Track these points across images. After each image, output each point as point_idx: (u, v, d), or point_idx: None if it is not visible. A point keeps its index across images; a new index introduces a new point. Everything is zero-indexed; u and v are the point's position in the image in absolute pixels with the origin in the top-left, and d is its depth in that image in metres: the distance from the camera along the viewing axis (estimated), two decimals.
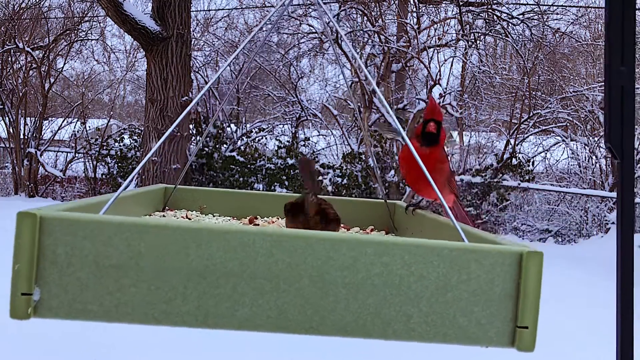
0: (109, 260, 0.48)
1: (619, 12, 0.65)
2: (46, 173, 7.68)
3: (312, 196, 0.80)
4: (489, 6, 6.09)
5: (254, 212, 1.06)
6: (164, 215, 1.00)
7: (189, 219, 1.00)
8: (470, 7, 6.15)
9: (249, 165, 6.30)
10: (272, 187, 6.20)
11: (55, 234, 0.48)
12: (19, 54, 7.66)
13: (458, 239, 0.57)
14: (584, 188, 6.28)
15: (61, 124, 8.22)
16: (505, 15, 6.18)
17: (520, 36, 6.36)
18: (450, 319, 0.50)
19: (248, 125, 7.22)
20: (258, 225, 0.97)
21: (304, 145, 6.83)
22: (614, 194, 5.43)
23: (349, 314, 0.50)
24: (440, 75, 6.06)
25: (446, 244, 0.50)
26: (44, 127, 7.86)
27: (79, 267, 0.48)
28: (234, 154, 6.33)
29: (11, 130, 7.54)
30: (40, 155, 7.50)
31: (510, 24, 6.19)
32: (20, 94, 7.44)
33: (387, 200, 1.06)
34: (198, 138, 6.72)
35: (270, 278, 0.49)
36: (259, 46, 5.86)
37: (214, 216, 1.07)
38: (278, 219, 1.04)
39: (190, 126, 6.21)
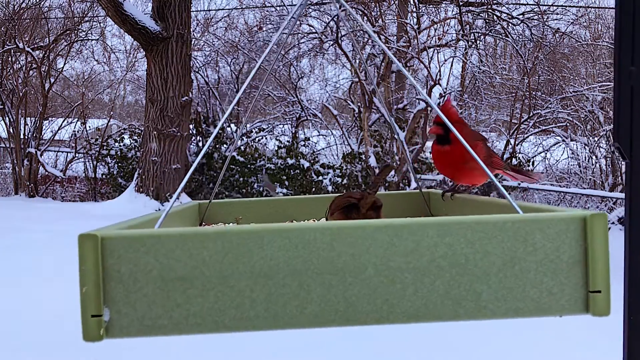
0: (173, 273, 0.48)
1: (629, 12, 0.64)
2: (46, 173, 7.68)
3: (372, 194, 0.81)
4: (489, 6, 6.09)
5: (289, 218, 1.05)
6: None
7: None
8: (470, 7, 6.15)
9: (249, 165, 6.30)
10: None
11: (117, 252, 0.48)
12: (19, 54, 7.65)
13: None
14: (584, 188, 6.28)
15: (61, 124, 8.21)
16: (505, 15, 6.18)
17: (520, 36, 6.36)
18: (520, 292, 0.50)
19: (248, 126, 7.22)
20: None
21: (304, 145, 6.83)
22: (614, 194, 5.43)
23: (418, 299, 0.49)
24: (440, 75, 6.06)
25: (507, 217, 0.50)
26: (44, 127, 7.86)
27: (144, 283, 0.48)
28: (234, 154, 6.33)
29: (11, 130, 7.53)
30: (41, 155, 7.49)
31: (510, 24, 6.19)
32: (21, 94, 7.44)
33: (422, 190, 1.05)
34: (198, 138, 6.72)
35: (335, 272, 0.49)
36: (260, 47, 5.85)
37: None
38: (314, 220, 1.03)
39: (191, 126, 6.20)
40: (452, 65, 7.40)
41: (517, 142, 6.17)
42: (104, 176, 7.20)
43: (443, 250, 0.49)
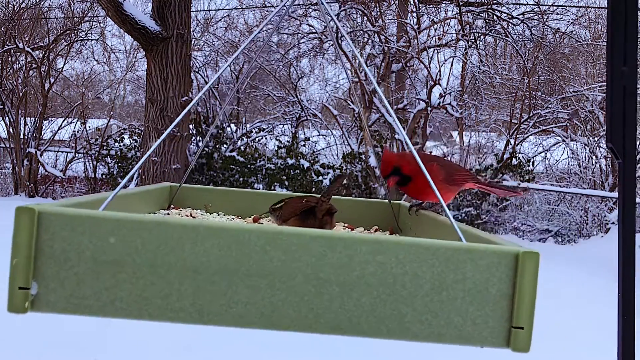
0: (106, 256, 0.49)
1: (621, 12, 0.65)
2: (46, 173, 7.68)
3: (326, 202, 0.83)
4: (489, 6, 6.09)
5: (258, 212, 1.06)
6: (168, 214, 1.00)
7: (193, 217, 1.00)
8: (470, 7, 6.15)
9: (249, 165, 6.30)
10: (272, 187, 6.19)
11: (53, 229, 0.48)
12: (19, 54, 7.65)
13: (459, 239, 0.57)
14: (584, 188, 6.27)
15: (61, 124, 8.21)
16: (505, 15, 6.18)
17: (520, 36, 6.36)
18: (445, 318, 0.50)
19: (248, 125, 7.22)
20: (262, 224, 0.97)
21: (304, 145, 6.83)
22: (614, 194, 5.43)
23: (343, 312, 0.50)
24: (440, 75, 6.06)
25: (441, 244, 0.50)
26: (44, 127, 7.86)
27: (76, 262, 0.49)
28: (234, 154, 6.33)
29: (11, 130, 7.54)
30: (40, 155, 7.50)
31: (510, 24, 6.19)
32: (20, 94, 7.44)
33: (391, 201, 1.06)
34: (198, 138, 6.72)
35: (265, 275, 0.49)
36: (260, 47, 5.85)
37: (218, 215, 1.07)
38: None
39: (190, 126, 6.21)
40: (452, 65, 7.40)
41: (517, 142, 6.17)
42: (104, 176, 7.20)
43: (374, 267, 0.50)
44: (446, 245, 0.50)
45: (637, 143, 4.53)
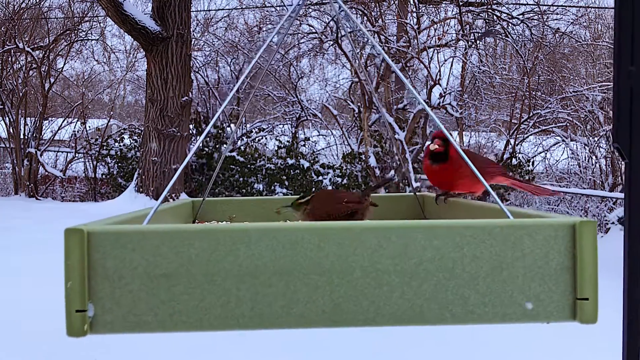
0: (159, 270, 0.48)
1: (629, 12, 0.64)
2: (46, 173, 7.68)
3: (368, 202, 0.85)
4: (489, 6, 6.09)
5: (283, 217, 1.05)
6: None
7: None
8: (470, 7, 6.15)
9: (249, 165, 6.30)
10: (272, 188, 6.19)
11: (104, 248, 0.48)
12: (19, 54, 7.65)
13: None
14: (584, 188, 6.27)
15: (61, 124, 8.21)
16: (505, 15, 6.18)
17: (520, 36, 6.36)
18: (508, 297, 0.50)
19: (248, 126, 7.21)
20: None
21: (303, 145, 6.83)
22: (614, 194, 5.43)
23: (404, 302, 0.49)
24: (440, 75, 6.06)
25: (496, 222, 0.50)
26: (44, 127, 7.86)
27: (130, 280, 0.48)
28: (234, 154, 6.33)
29: (11, 130, 7.53)
30: (40, 155, 7.49)
31: (510, 24, 6.19)
32: (20, 94, 7.44)
33: (416, 193, 1.06)
34: (198, 138, 6.72)
35: (322, 272, 0.49)
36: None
37: None
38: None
39: (191, 126, 6.20)
40: (452, 65, 7.41)
41: (517, 142, 6.16)
42: (103, 176, 7.20)
43: (431, 253, 0.49)
44: (501, 223, 0.50)
45: None
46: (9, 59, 7.70)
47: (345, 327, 0.49)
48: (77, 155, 7.80)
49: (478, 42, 6.31)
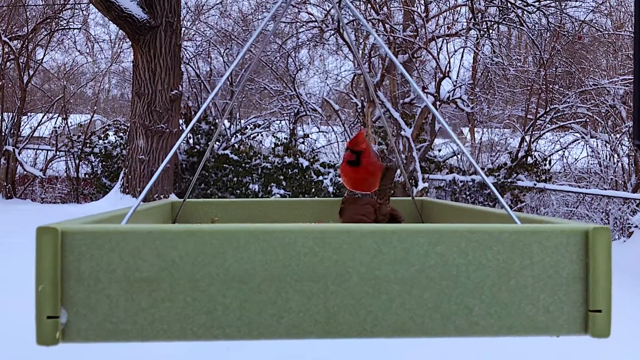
0: (139, 274, 0.47)
1: None
2: (25, 173, 7.67)
3: (385, 204, 0.91)
4: None
5: (269, 221, 1.05)
6: None
7: None
8: None
9: (243, 164, 6.30)
10: (269, 188, 6.19)
11: (79, 248, 0.47)
12: None
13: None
14: (605, 189, 6.27)
15: (41, 120, 8.20)
16: (520, 2, 6.18)
17: (537, 25, 6.36)
18: (515, 308, 0.49)
19: (242, 121, 7.21)
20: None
21: (302, 142, 6.83)
22: (637, 195, 5.43)
23: (404, 312, 0.49)
24: (449, 67, 6.06)
25: (504, 227, 0.49)
26: (22, 123, 7.85)
27: (107, 284, 0.47)
28: (228, 152, 6.33)
29: None
30: (19, 153, 7.49)
31: (525, 12, 6.18)
32: None
33: (415, 197, 1.08)
34: (189, 135, 6.72)
35: (317, 279, 0.48)
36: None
37: None
38: None
39: (181, 121, 6.20)
40: (462, 56, 7.41)
41: (532, 139, 6.16)
42: (87, 176, 7.20)
43: (434, 260, 0.49)
44: (510, 228, 0.49)
45: None
46: None
47: (341, 338, 0.48)
48: (58, 153, 7.80)
49: (491, 31, 6.31)
